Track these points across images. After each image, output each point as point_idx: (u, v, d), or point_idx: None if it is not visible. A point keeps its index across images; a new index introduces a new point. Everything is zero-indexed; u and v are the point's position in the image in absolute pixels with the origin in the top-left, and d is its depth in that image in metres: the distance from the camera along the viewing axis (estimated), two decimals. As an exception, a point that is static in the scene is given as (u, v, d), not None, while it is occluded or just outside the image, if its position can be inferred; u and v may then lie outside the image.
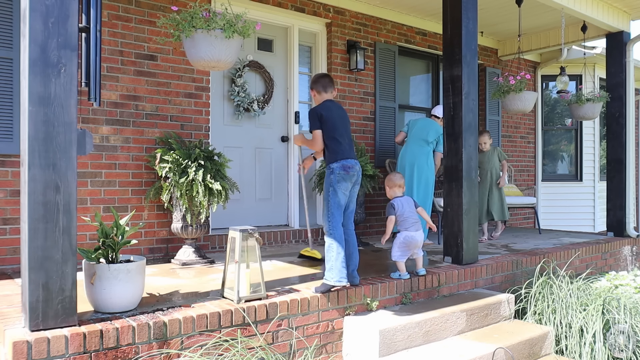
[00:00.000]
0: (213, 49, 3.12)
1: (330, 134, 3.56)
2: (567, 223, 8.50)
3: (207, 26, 3.06)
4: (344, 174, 3.47)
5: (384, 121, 6.46)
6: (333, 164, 3.49)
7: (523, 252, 5.10)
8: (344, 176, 3.47)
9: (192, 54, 3.20)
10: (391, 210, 3.83)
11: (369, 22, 6.35)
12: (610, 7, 6.37)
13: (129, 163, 4.52)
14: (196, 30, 3.09)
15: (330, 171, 3.50)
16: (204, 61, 3.18)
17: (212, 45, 3.11)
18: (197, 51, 3.16)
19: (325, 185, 3.51)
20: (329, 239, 3.40)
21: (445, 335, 3.50)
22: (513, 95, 5.67)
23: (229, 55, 3.21)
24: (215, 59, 3.16)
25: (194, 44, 3.14)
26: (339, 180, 3.45)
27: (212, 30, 3.07)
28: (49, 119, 2.45)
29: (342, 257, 3.33)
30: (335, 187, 3.44)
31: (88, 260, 2.76)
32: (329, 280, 3.30)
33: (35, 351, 2.30)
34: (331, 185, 3.45)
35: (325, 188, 3.52)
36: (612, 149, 6.65)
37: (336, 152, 3.53)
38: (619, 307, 3.87)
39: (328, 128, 3.57)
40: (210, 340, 2.78)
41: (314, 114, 3.59)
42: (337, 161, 3.49)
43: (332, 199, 3.44)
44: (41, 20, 2.43)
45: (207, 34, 3.07)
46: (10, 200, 3.99)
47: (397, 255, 3.79)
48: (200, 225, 4.35)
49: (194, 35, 3.11)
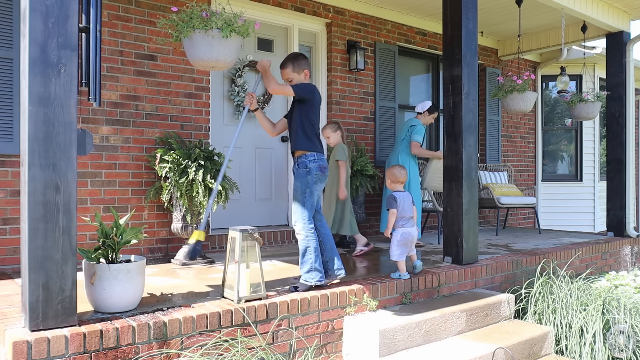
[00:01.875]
0: (211, 49, 3.12)
1: (314, 121, 3.44)
2: (567, 223, 8.50)
3: (204, 26, 3.06)
4: (320, 175, 3.41)
5: (384, 121, 6.46)
6: (311, 164, 3.37)
7: (523, 252, 5.10)
8: (320, 177, 3.42)
9: (192, 54, 3.21)
10: (393, 203, 3.82)
11: (369, 22, 6.35)
12: (610, 7, 6.37)
13: (129, 163, 4.52)
14: (194, 31, 3.09)
15: (307, 171, 3.37)
16: (203, 61, 3.18)
17: (210, 45, 3.11)
18: (195, 51, 3.16)
19: (300, 185, 3.38)
20: (305, 241, 3.35)
21: (445, 335, 3.50)
22: (516, 94, 5.67)
23: (228, 55, 3.20)
24: (214, 59, 3.15)
25: (193, 44, 3.14)
26: (315, 182, 3.39)
27: (210, 30, 3.07)
28: (49, 119, 2.45)
29: (319, 258, 3.35)
30: (312, 188, 3.38)
31: (88, 260, 2.76)
32: (310, 281, 3.31)
33: (35, 351, 2.30)
34: (308, 187, 3.36)
35: (298, 187, 3.39)
36: (612, 149, 6.65)
37: (315, 144, 3.42)
38: (619, 307, 3.87)
39: (314, 114, 3.44)
40: (210, 340, 2.78)
41: (309, 86, 3.43)
42: (313, 157, 3.38)
43: (307, 200, 3.36)
44: (41, 20, 2.43)
45: (204, 34, 3.07)
46: (10, 200, 3.99)
47: (397, 255, 3.79)
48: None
49: (192, 36, 3.11)
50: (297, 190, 3.40)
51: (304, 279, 3.33)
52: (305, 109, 3.42)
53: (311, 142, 3.41)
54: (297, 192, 3.40)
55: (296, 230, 3.40)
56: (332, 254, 3.48)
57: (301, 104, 3.42)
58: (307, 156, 3.40)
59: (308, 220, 3.37)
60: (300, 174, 3.39)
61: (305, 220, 3.36)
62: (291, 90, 3.37)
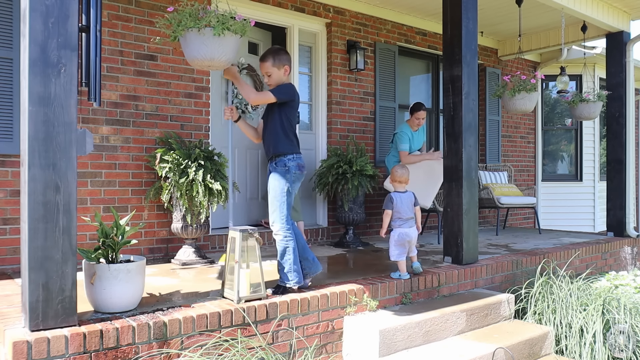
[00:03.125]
0: (205, 48, 3.10)
1: (293, 122, 3.40)
2: (567, 223, 8.50)
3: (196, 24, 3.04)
4: (299, 174, 3.37)
5: (384, 121, 6.46)
6: (290, 162, 3.32)
7: (523, 252, 5.10)
8: (299, 176, 3.38)
9: (187, 53, 3.19)
10: (389, 204, 3.83)
11: (369, 22, 6.35)
12: (610, 7, 6.37)
13: (129, 163, 4.52)
14: (188, 30, 3.08)
15: (285, 169, 3.31)
16: (199, 60, 3.16)
17: (204, 44, 3.09)
18: (190, 50, 3.15)
19: (278, 184, 3.31)
20: (284, 241, 3.30)
21: (445, 335, 3.50)
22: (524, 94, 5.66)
23: (223, 53, 3.18)
24: (208, 58, 3.13)
25: (187, 43, 3.13)
26: (294, 181, 3.35)
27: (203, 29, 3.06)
28: (49, 119, 2.45)
29: (298, 259, 3.33)
30: (291, 187, 3.32)
31: (88, 260, 2.76)
32: (290, 282, 3.28)
33: (35, 351, 2.30)
34: (286, 186, 3.31)
35: (277, 186, 3.31)
36: (612, 149, 6.65)
37: (294, 145, 3.38)
38: (619, 307, 3.87)
39: (293, 115, 3.40)
40: (210, 340, 2.78)
41: (290, 87, 3.37)
42: (292, 157, 3.33)
43: (287, 200, 3.31)
44: (41, 20, 2.43)
45: (197, 32, 3.06)
46: (10, 200, 3.99)
47: (396, 255, 3.79)
48: (200, 225, 4.35)
49: (186, 35, 3.10)
50: (275, 190, 3.31)
51: (283, 280, 3.31)
52: (286, 111, 3.37)
53: (291, 143, 3.37)
54: (275, 192, 3.31)
55: (274, 231, 3.33)
56: (305, 253, 3.45)
57: (281, 106, 3.36)
58: (287, 156, 3.34)
59: (286, 221, 3.31)
60: (279, 173, 3.32)
61: (284, 220, 3.30)
62: (272, 96, 3.30)
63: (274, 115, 3.38)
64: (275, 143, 3.35)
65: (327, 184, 5.38)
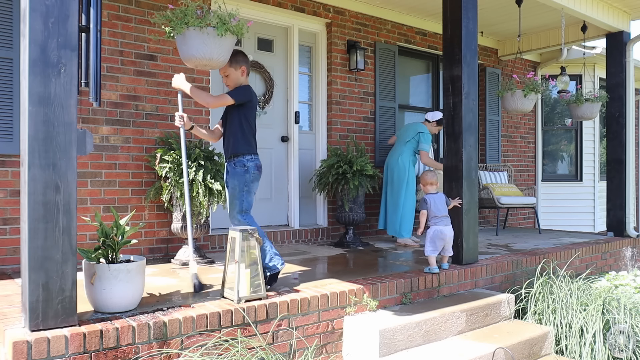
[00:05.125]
0: (205, 47, 3.10)
1: (252, 123, 3.45)
2: (567, 223, 8.50)
3: (199, 23, 3.04)
4: (257, 174, 3.44)
5: (384, 121, 6.46)
6: (249, 162, 3.38)
7: (523, 252, 5.10)
8: (257, 176, 3.44)
9: (184, 52, 3.18)
10: (423, 205, 4.15)
11: (369, 22, 6.35)
12: (610, 7, 6.37)
13: (129, 163, 4.52)
14: (188, 27, 3.07)
15: (245, 169, 3.38)
16: (196, 59, 3.15)
17: (205, 44, 3.09)
18: (188, 48, 3.13)
19: (238, 184, 3.36)
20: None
21: (445, 335, 3.50)
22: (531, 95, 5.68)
23: (221, 54, 3.18)
24: (207, 57, 3.13)
25: (185, 41, 3.12)
26: (252, 180, 3.40)
27: (205, 28, 3.05)
28: (49, 119, 2.45)
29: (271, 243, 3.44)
30: (250, 186, 3.39)
31: (88, 260, 2.76)
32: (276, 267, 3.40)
33: (35, 351, 2.30)
34: (246, 185, 3.37)
35: (236, 186, 3.37)
36: (612, 149, 6.65)
37: (253, 146, 3.44)
38: (619, 307, 3.87)
39: (252, 116, 3.45)
40: (210, 340, 2.78)
41: (247, 89, 3.43)
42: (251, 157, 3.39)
43: (247, 199, 3.37)
44: (41, 20, 2.43)
45: (199, 31, 3.06)
46: (10, 200, 3.99)
47: (429, 250, 4.04)
48: (200, 225, 4.35)
49: (185, 32, 3.09)
50: (234, 189, 3.39)
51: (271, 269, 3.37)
52: (244, 112, 3.43)
53: (250, 145, 3.44)
54: (234, 191, 3.39)
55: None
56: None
57: (240, 107, 3.42)
58: (246, 156, 3.41)
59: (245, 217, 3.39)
60: (238, 173, 3.38)
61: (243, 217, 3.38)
62: (230, 99, 3.37)
63: (232, 116, 3.46)
64: (235, 144, 3.42)
65: (327, 184, 5.38)
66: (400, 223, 5.59)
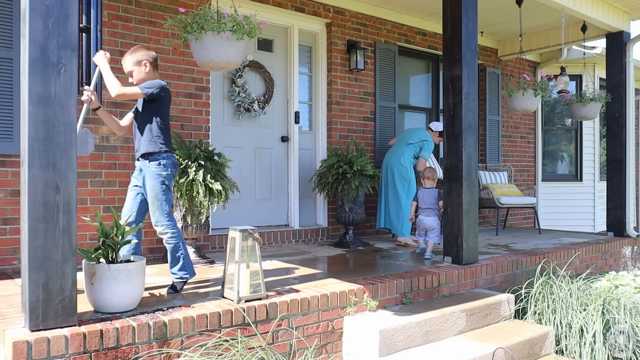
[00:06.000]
0: (223, 51, 3.14)
1: (165, 119, 3.31)
2: (567, 223, 8.50)
3: (217, 28, 3.07)
4: (174, 171, 3.37)
5: (384, 121, 6.46)
6: (165, 160, 3.28)
7: (523, 252, 5.10)
8: (174, 174, 3.37)
9: (201, 56, 3.21)
10: (415, 197, 5.05)
11: (369, 22, 6.35)
12: (610, 7, 6.37)
13: (129, 163, 4.51)
14: (206, 33, 3.10)
15: (162, 167, 3.26)
16: (214, 62, 3.19)
17: (222, 47, 3.13)
18: (207, 53, 3.16)
19: (157, 182, 3.25)
20: (174, 238, 3.29)
21: (445, 335, 3.50)
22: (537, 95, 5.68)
23: (238, 56, 3.23)
24: (225, 60, 3.18)
25: (204, 46, 3.15)
26: (170, 179, 3.33)
27: (223, 32, 3.08)
28: (49, 119, 2.45)
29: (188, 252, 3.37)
30: (169, 184, 3.31)
31: (88, 260, 2.76)
32: (185, 277, 3.32)
33: (35, 351, 2.30)
34: (164, 183, 3.27)
35: (155, 185, 3.25)
36: (612, 149, 6.65)
37: (167, 143, 3.32)
38: (619, 307, 3.87)
39: (165, 111, 3.31)
40: (210, 340, 2.78)
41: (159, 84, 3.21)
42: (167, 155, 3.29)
43: (167, 197, 3.29)
44: (41, 20, 2.43)
45: (217, 35, 3.08)
46: (10, 200, 3.99)
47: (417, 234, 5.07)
48: (201, 226, 4.35)
49: (203, 38, 3.13)
50: (154, 189, 3.25)
51: (180, 277, 3.31)
52: (158, 108, 3.26)
53: (165, 142, 3.31)
54: (154, 191, 3.25)
55: (159, 231, 3.29)
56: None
57: (153, 103, 3.25)
58: (161, 154, 3.29)
59: (170, 217, 3.30)
60: (155, 172, 3.25)
61: (168, 217, 3.29)
62: (139, 90, 3.15)
63: (146, 112, 3.29)
64: (149, 141, 3.27)
65: (327, 184, 5.38)
66: (401, 222, 5.62)
